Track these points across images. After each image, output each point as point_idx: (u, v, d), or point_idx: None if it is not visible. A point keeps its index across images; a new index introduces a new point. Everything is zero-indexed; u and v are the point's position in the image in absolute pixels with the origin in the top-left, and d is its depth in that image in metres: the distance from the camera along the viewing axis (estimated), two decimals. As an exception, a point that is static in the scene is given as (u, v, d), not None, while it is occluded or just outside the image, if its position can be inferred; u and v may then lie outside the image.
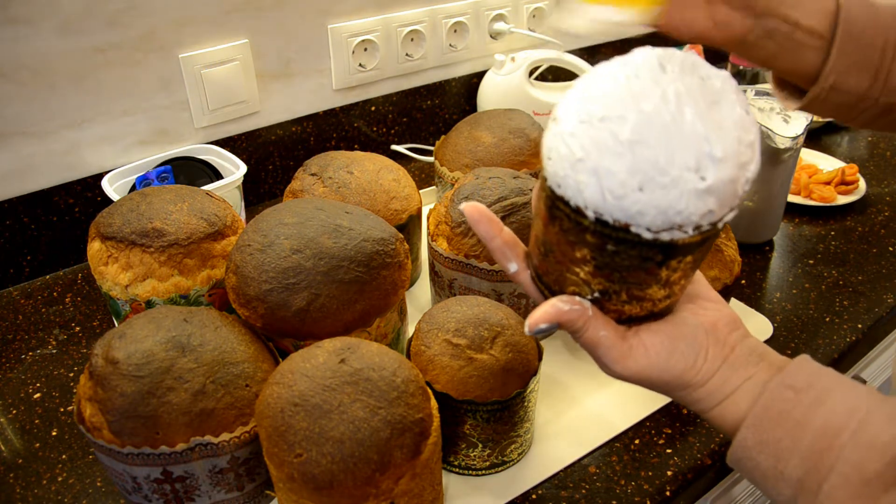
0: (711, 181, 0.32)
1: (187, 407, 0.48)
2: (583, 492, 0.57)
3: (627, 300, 0.38)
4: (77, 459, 0.60)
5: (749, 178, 0.33)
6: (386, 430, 0.45)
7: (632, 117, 0.32)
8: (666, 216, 0.32)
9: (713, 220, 0.33)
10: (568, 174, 0.33)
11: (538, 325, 0.39)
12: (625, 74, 0.33)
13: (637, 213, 0.32)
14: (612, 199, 0.32)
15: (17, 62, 0.76)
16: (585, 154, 0.33)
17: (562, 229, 0.36)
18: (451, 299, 0.59)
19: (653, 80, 0.32)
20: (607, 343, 0.39)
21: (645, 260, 0.35)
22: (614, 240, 0.34)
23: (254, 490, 0.53)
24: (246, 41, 0.91)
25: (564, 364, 0.70)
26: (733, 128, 0.32)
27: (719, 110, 0.32)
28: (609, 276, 0.37)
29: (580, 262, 0.37)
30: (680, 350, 0.39)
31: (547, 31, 1.20)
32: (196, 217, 0.64)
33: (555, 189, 0.35)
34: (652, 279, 0.37)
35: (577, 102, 0.34)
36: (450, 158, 0.87)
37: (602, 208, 0.33)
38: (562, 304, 0.39)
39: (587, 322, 0.39)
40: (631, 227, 0.33)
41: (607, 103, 0.33)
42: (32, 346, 0.74)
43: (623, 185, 0.32)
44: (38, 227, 0.83)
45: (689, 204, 0.32)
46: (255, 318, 0.57)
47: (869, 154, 1.12)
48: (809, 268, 0.84)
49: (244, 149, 0.96)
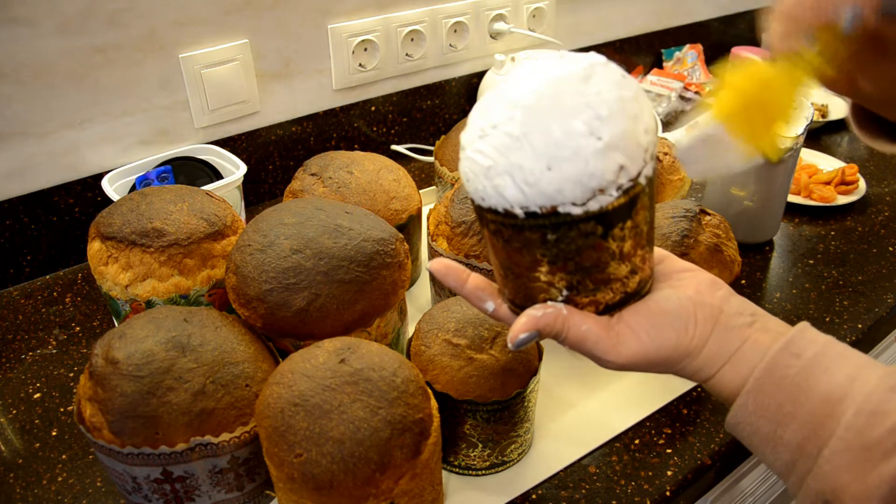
0: (608, 137, 0.34)
1: (187, 407, 0.48)
2: (583, 492, 0.57)
3: (595, 286, 0.39)
4: (77, 459, 0.60)
5: (647, 127, 0.35)
6: (386, 430, 0.45)
7: (517, 114, 0.34)
8: (583, 184, 0.34)
9: (631, 176, 0.35)
10: (485, 185, 0.36)
11: (517, 337, 0.39)
12: (501, 88, 0.36)
13: (556, 191, 0.34)
14: (528, 188, 0.34)
15: (17, 62, 0.76)
16: (493, 161, 0.35)
17: (505, 241, 0.38)
18: (451, 299, 0.59)
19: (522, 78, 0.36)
20: (593, 336, 0.39)
21: (587, 237, 0.36)
22: (551, 227, 0.36)
23: (254, 490, 0.53)
24: (246, 41, 0.91)
25: (564, 364, 0.70)
26: (611, 89, 0.35)
27: (593, 82, 0.35)
28: (565, 268, 0.38)
29: (534, 265, 0.38)
30: (667, 323, 0.39)
31: (547, 31, 1.20)
32: (196, 217, 0.64)
33: (481, 204, 0.37)
34: (605, 255, 0.37)
35: (472, 125, 0.37)
36: (450, 158, 0.87)
37: (525, 201, 0.35)
38: (534, 311, 0.39)
39: (565, 322, 0.39)
40: (558, 208, 0.35)
41: (494, 113, 0.36)
42: (32, 346, 0.74)
43: (532, 172, 0.34)
44: (38, 227, 0.83)
45: (598, 165, 0.34)
46: (255, 318, 0.57)
47: (869, 154, 1.12)
48: (809, 268, 0.84)
49: (244, 149, 0.96)
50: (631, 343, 0.39)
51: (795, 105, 0.40)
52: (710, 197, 0.89)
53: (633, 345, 0.39)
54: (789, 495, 0.93)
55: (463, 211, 0.67)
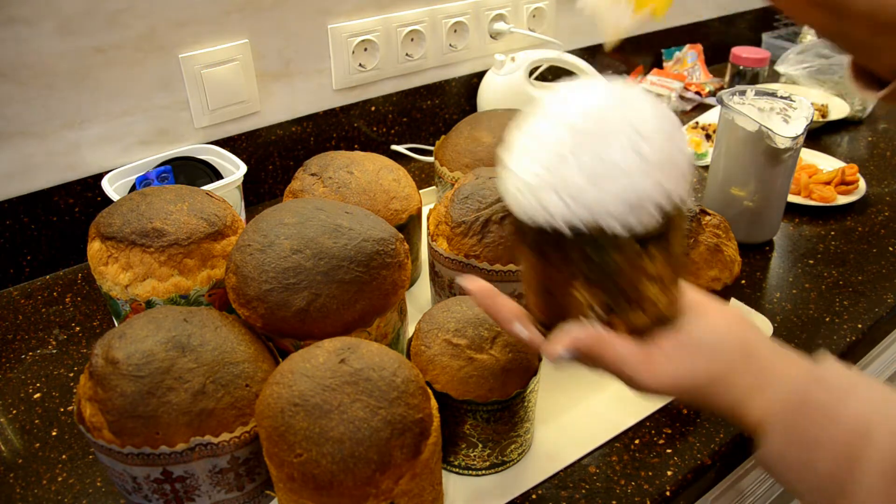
0: (651, 157, 0.35)
1: (187, 407, 0.48)
2: (583, 492, 0.57)
3: (629, 307, 0.39)
4: (77, 459, 0.60)
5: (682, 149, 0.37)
6: (386, 430, 0.45)
7: (564, 133, 0.36)
8: (625, 200, 0.35)
9: (670, 197, 0.36)
10: (532, 203, 0.37)
11: (557, 353, 0.40)
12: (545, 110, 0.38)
13: (599, 207, 0.35)
14: (573, 203, 0.36)
15: (17, 62, 0.76)
16: (539, 177, 0.37)
17: (545, 258, 0.39)
18: (451, 299, 0.59)
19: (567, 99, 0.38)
20: (630, 359, 0.40)
21: (626, 255, 0.37)
22: (592, 243, 0.37)
23: (254, 490, 0.53)
24: (246, 41, 0.91)
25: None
26: (652, 113, 0.36)
27: (635, 106, 0.37)
28: (603, 286, 0.39)
29: (573, 283, 0.39)
30: (699, 351, 0.40)
31: (547, 30, 1.20)
32: (196, 217, 0.64)
33: (529, 223, 0.38)
34: (642, 274, 0.38)
35: (518, 144, 0.39)
36: (450, 158, 0.87)
37: (571, 217, 0.36)
38: (573, 329, 0.40)
39: (603, 343, 0.40)
40: (601, 224, 0.36)
41: (539, 133, 0.37)
42: (32, 346, 0.74)
43: (578, 188, 0.35)
44: (38, 227, 0.83)
45: (640, 184, 0.35)
46: (255, 318, 0.57)
47: (869, 154, 1.12)
48: (809, 268, 0.84)
49: (244, 149, 0.96)
50: (665, 367, 0.40)
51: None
52: (710, 197, 0.90)
53: (668, 369, 0.40)
54: (789, 496, 0.93)
55: (463, 211, 0.67)
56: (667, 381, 0.40)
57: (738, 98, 0.85)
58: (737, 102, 0.84)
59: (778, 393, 0.39)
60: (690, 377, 0.40)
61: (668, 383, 0.40)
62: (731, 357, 0.40)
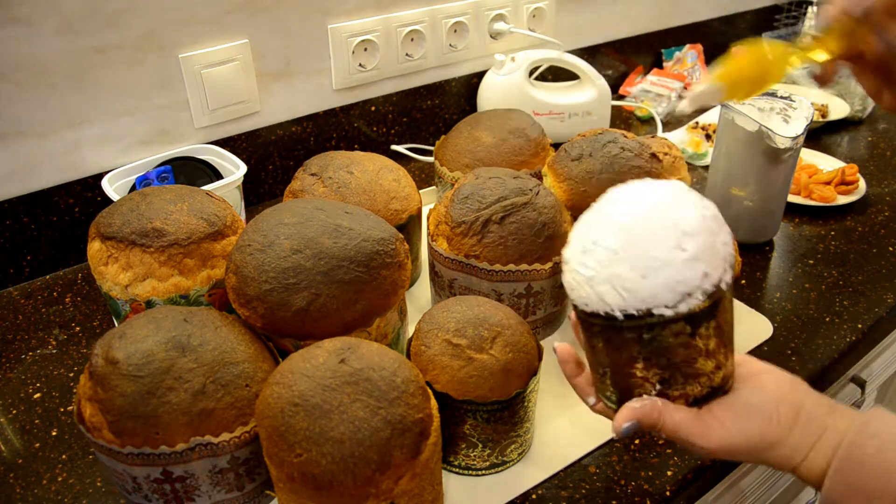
0: (692, 250, 0.40)
1: (187, 407, 0.48)
2: (583, 492, 0.57)
3: (685, 380, 0.44)
4: (77, 459, 0.60)
5: (725, 241, 0.42)
6: (386, 430, 0.45)
7: (614, 231, 0.41)
8: (673, 290, 0.40)
9: (713, 282, 0.41)
10: (589, 293, 0.42)
11: (621, 427, 0.44)
12: (599, 207, 0.44)
13: (650, 296, 0.40)
14: (627, 294, 0.40)
15: (17, 62, 0.76)
16: (595, 272, 0.41)
17: (605, 341, 0.44)
18: (451, 299, 0.59)
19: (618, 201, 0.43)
20: (686, 424, 0.43)
21: (678, 335, 0.41)
22: (646, 327, 0.41)
23: (254, 490, 0.53)
24: (246, 41, 0.91)
25: (564, 364, 0.70)
26: (694, 209, 0.41)
27: (678, 203, 0.41)
28: (658, 363, 0.43)
29: (631, 362, 0.43)
30: (751, 415, 0.43)
31: (547, 30, 1.20)
32: (196, 217, 0.64)
33: (585, 309, 0.43)
34: (694, 352, 0.42)
35: (574, 241, 0.44)
36: (450, 158, 0.87)
37: (624, 305, 0.41)
38: (634, 403, 0.44)
39: (661, 413, 0.43)
40: (653, 311, 0.40)
41: (593, 230, 0.43)
42: (32, 346, 0.74)
43: (630, 280, 0.40)
44: (38, 227, 0.83)
45: (685, 273, 0.40)
46: (255, 318, 0.57)
47: (869, 154, 1.12)
48: (809, 268, 0.84)
49: (244, 149, 0.96)
50: (719, 431, 0.43)
51: (779, 80, 0.51)
52: (710, 197, 0.89)
53: (721, 432, 0.43)
54: (789, 496, 0.93)
55: (463, 211, 0.67)
56: (722, 445, 0.43)
57: (738, 98, 0.85)
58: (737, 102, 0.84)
59: (831, 448, 0.42)
60: (745, 440, 0.43)
61: (724, 447, 0.43)
62: (783, 418, 0.43)
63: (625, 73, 1.39)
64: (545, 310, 0.70)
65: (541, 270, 0.66)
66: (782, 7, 1.60)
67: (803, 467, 0.43)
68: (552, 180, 0.80)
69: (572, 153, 0.78)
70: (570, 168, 0.78)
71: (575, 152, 0.78)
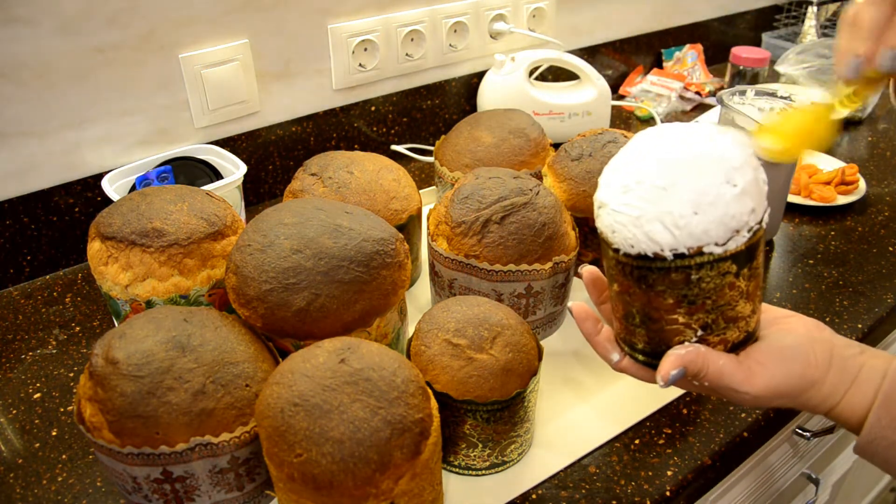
0: (742, 184, 0.39)
1: (187, 407, 0.48)
2: (583, 492, 0.57)
3: (725, 325, 0.43)
4: (77, 459, 0.60)
5: (764, 178, 0.41)
6: (386, 430, 0.45)
7: (662, 168, 0.40)
8: (725, 225, 0.39)
9: (758, 219, 0.40)
10: (635, 233, 0.40)
11: (668, 374, 0.43)
12: (635, 148, 0.42)
13: (703, 233, 0.39)
14: (678, 231, 0.39)
15: (17, 62, 0.76)
16: (642, 210, 0.40)
17: (648, 286, 0.42)
18: (451, 299, 0.59)
19: (658, 139, 0.41)
20: (729, 370, 0.43)
21: (724, 275, 0.41)
22: (695, 267, 0.40)
23: (254, 490, 0.53)
24: (246, 41, 0.91)
25: (565, 364, 0.70)
26: (735, 146, 0.40)
27: (720, 141, 0.40)
28: (703, 307, 0.42)
29: (674, 307, 0.42)
30: (791, 356, 0.43)
31: (547, 30, 1.20)
32: (196, 217, 0.64)
33: (630, 252, 0.41)
34: (736, 293, 0.42)
35: (613, 182, 0.42)
36: (450, 158, 0.87)
37: (675, 243, 0.39)
38: (678, 350, 0.43)
39: (706, 359, 0.43)
40: (704, 248, 0.39)
41: (636, 169, 0.41)
42: (32, 346, 0.74)
43: (682, 217, 0.39)
44: (38, 227, 0.83)
45: (736, 208, 0.39)
46: (255, 318, 0.57)
47: (869, 154, 1.12)
48: (809, 268, 0.84)
49: (244, 149, 0.96)
50: (763, 375, 0.43)
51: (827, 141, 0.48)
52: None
53: (765, 376, 0.43)
54: (788, 496, 0.93)
55: (463, 211, 0.67)
56: (766, 389, 0.43)
57: (738, 98, 0.85)
58: (737, 102, 0.84)
59: (871, 385, 0.42)
60: (787, 383, 0.43)
61: (769, 391, 0.43)
62: (819, 359, 0.43)
63: (625, 73, 1.39)
64: (545, 310, 0.70)
65: (541, 270, 0.66)
66: (782, 7, 1.60)
67: (842, 406, 0.43)
68: (552, 180, 0.80)
69: (572, 153, 0.78)
70: (570, 168, 0.78)
71: (575, 152, 0.78)
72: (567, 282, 0.70)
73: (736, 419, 0.63)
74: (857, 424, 0.43)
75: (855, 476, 1.17)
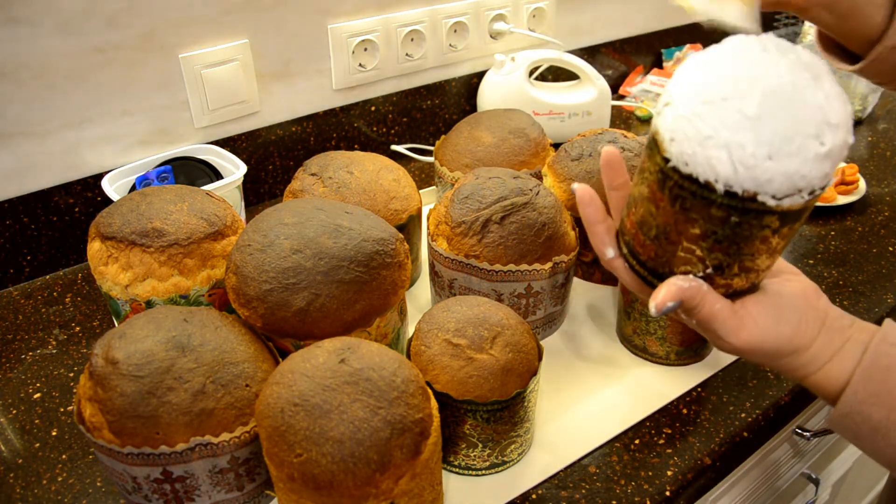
0: (830, 146, 0.35)
1: (187, 407, 0.48)
2: (583, 492, 0.57)
3: (738, 273, 0.41)
4: (77, 459, 0.60)
5: (851, 142, 0.37)
6: (386, 430, 0.45)
7: (756, 94, 0.35)
8: (791, 182, 0.35)
9: (823, 185, 0.36)
10: (697, 152, 0.36)
11: (665, 304, 0.41)
12: (733, 57, 0.36)
13: (766, 181, 0.35)
14: (743, 170, 0.35)
15: (17, 62, 0.76)
16: (714, 131, 0.35)
17: (682, 208, 0.38)
18: (451, 299, 0.59)
19: (761, 59, 0.36)
20: (723, 316, 0.41)
21: (763, 228, 0.38)
22: (740, 210, 0.37)
23: (254, 490, 0.53)
24: (246, 41, 0.91)
25: (564, 364, 0.70)
26: (838, 97, 0.35)
27: (822, 83, 0.35)
28: (726, 250, 0.39)
29: (698, 238, 0.39)
30: (785, 317, 0.42)
31: (547, 30, 1.20)
32: (196, 217, 0.64)
33: (681, 168, 0.37)
34: (764, 248, 0.39)
35: (694, 86, 0.37)
36: (450, 158, 0.87)
37: (733, 180, 0.35)
38: (681, 282, 0.41)
39: (703, 298, 0.41)
40: (758, 196, 0.36)
41: (726, 84, 0.35)
42: (32, 346, 0.74)
43: (754, 156, 0.35)
44: (38, 227, 0.83)
45: (812, 168, 0.35)
46: (255, 318, 0.57)
47: (869, 154, 1.12)
48: (809, 268, 0.84)
49: (244, 149, 0.96)
50: (752, 328, 0.42)
51: None
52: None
53: (753, 332, 0.42)
54: (788, 496, 0.93)
55: (463, 211, 0.67)
56: (751, 342, 0.42)
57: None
58: None
59: (852, 359, 0.42)
60: (774, 341, 0.42)
61: (753, 343, 0.42)
62: (810, 326, 0.43)
63: (625, 73, 1.39)
64: (545, 310, 0.70)
65: (541, 270, 0.66)
66: (782, 7, 1.60)
67: (819, 375, 0.43)
68: (552, 180, 0.80)
69: (572, 153, 0.78)
70: (570, 168, 0.78)
71: (575, 152, 0.78)
72: (567, 282, 0.70)
73: (736, 419, 0.63)
74: (833, 396, 0.43)
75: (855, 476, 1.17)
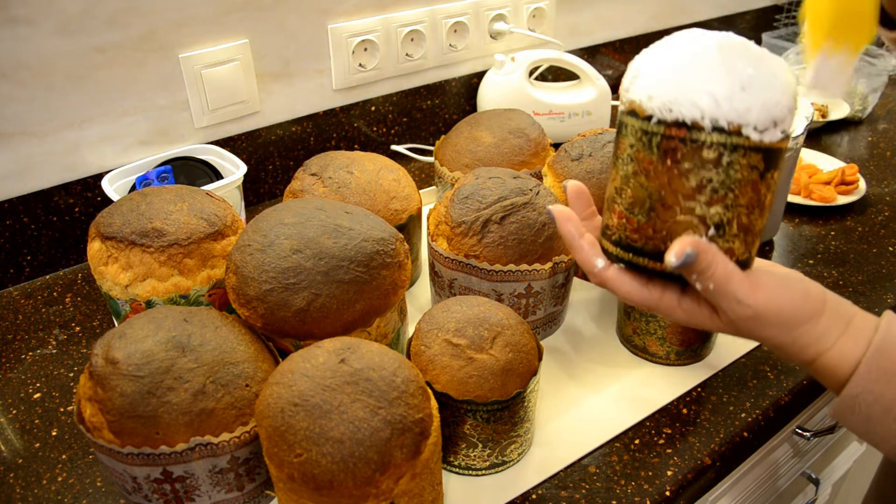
0: (784, 80, 0.40)
1: (187, 407, 0.48)
2: (583, 492, 0.57)
3: (736, 234, 0.41)
4: (77, 459, 0.60)
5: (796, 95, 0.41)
6: (386, 430, 0.45)
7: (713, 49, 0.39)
8: (767, 111, 0.39)
9: (788, 125, 0.40)
10: (679, 96, 0.39)
11: (683, 251, 0.39)
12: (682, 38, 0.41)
13: (745, 110, 0.39)
14: (724, 101, 0.38)
15: (17, 62, 0.76)
16: (690, 78, 0.39)
17: (674, 161, 0.40)
18: (451, 299, 0.59)
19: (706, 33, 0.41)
20: (738, 276, 0.41)
21: (752, 169, 0.40)
22: (730, 147, 0.39)
23: (254, 490, 0.53)
24: (246, 41, 0.91)
25: (564, 364, 0.70)
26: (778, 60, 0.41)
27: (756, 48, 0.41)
28: (724, 199, 0.40)
29: (696, 192, 0.40)
30: (793, 285, 0.42)
31: (547, 30, 1.20)
32: (196, 217, 0.64)
33: (666, 117, 0.40)
34: (755, 199, 0.41)
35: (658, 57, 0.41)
36: (450, 158, 0.87)
37: (717, 113, 0.39)
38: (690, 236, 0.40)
39: (716, 255, 0.40)
40: (742, 129, 0.39)
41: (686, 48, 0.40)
42: (32, 346, 0.74)
43: (730, 88, 0.38)
44: (38, 227, 0.83)
45: (780, 98, 0.39)
46: (255, 318, 0.57)
47: (869, 154, 1.12)
48: (809, 268, 0.84)
49: (244, 149, 0.96)
50: (767, 289, 0.41)
51: None
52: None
53: (768, 293, 0.41)
54: (788, 495, 0.93)
55: (463, 211, 0.67)
56: (769, 302, 0.41)
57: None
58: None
59: (864, 335, 0.42)
60: (790, 304, 0.41)
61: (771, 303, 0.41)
62: (817, 296, 0.43)
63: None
64: (545, 310, 0.70)
65: (541, 270, 0.66)
66: (782, 7, 1.60)
67: (832, 353, 0.42)
68: (552, 180, 0.80)
69: (572, 153, 0.78)
70: (570, 168, 0.78)
71: (575, 152, 0.78)
72: (567, 282, 0.70)
73: (736, 419, 0.63)
74: (843, 375, 0.42)
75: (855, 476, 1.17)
